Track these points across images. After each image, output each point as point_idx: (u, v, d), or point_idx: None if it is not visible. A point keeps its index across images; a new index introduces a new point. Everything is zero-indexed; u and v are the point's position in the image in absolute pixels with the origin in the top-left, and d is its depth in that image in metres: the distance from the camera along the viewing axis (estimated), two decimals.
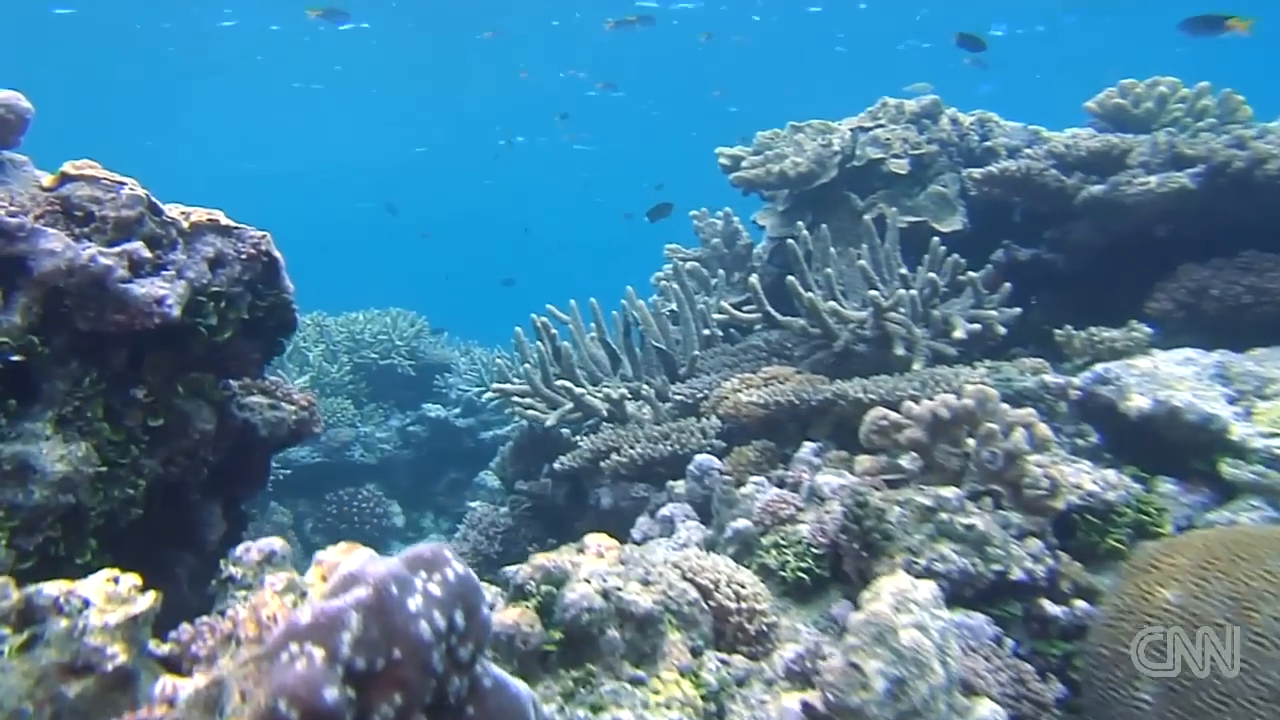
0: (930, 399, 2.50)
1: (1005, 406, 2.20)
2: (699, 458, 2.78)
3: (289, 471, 5.98)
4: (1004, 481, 2.12)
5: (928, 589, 1.56)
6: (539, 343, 3.61)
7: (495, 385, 3.62)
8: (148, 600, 1.25)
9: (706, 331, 3.81)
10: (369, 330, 7.16)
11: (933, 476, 2.25)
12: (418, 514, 6.80)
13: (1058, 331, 2.94)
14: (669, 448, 2.87)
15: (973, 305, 3.09)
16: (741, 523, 2.34)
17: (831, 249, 3.45)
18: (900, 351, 2.96)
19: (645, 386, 3.29)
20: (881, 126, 3.95)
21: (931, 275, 3.06)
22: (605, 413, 3.44)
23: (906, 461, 2.35)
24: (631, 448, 2.92)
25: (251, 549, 1.51)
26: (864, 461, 2.35)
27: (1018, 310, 3.07)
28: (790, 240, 3.28)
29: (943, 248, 3.26)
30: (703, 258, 4.75)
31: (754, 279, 3.30)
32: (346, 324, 7.22)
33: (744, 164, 4.20)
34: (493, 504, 4.26)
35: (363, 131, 19.81)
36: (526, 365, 3.56)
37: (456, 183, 23.41)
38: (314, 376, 6.63)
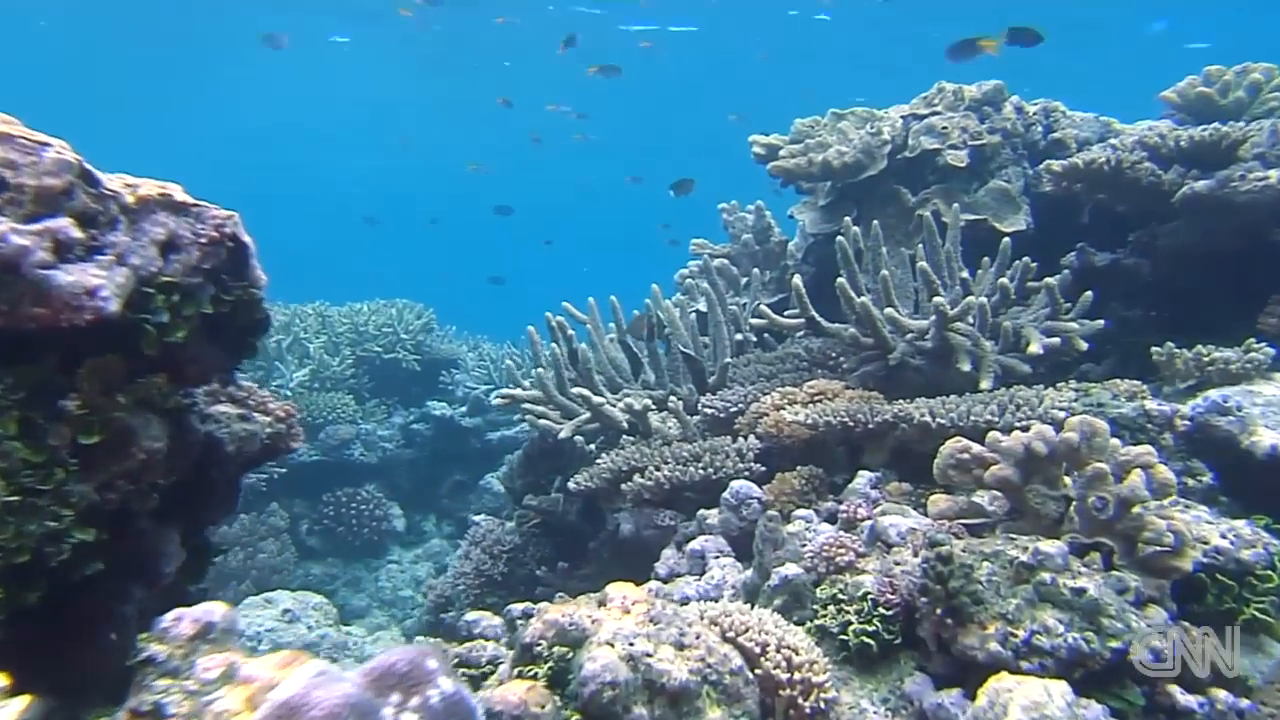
0: (1018, 428, 2.14)
1: (1116, 443, 1.84)
2: (736, 484, 2.42)
3: (284, 470, 5.65)
4: (1115, 534, 1.76)
5: (1061, 696, 1.21)
6: (554, 344, 3.26)
7: (503, 391, 3.26)
8: (11, 712, 0.90)
9: (739, 336, 3.45)
10: (373, 322, 6.81)
11: (1024, 523, 1.88)
12: (420, 517, 6.46)
13: (1156, 350, 2.57)
14: (700, 471, 2.51)
15: (1048, 316, 2.72)
16: (790, 569, 1.98)
17: (884, 249, 3.08)
18: (965, 367, 2.60)
19: (672, 398, 2.93)
20: (937, 114, 3.58)
21: (1003, 280, 2.69)
22: (626, 425, 3.09)
23: (989, 502, 1.99)
24: (657, 469, 2.56)
25: (184, 619, 1.16)
26: (939, 501, 1.99)
27: (1100, 323, 2.70)
28: (839, 237, 2.92)
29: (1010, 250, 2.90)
30: (732, 254, 4.39)
31: (796, 280, 2.94)
32: (350, 315, 6.88)
33: (782, 153, 3.83)
34: (498, 518, 3.92)
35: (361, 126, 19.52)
36: (539, 369, 3.21)
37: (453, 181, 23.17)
38: (314, 369, 6.30)
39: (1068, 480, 1.90)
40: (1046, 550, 1.69)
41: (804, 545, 2.09)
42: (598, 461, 2.78)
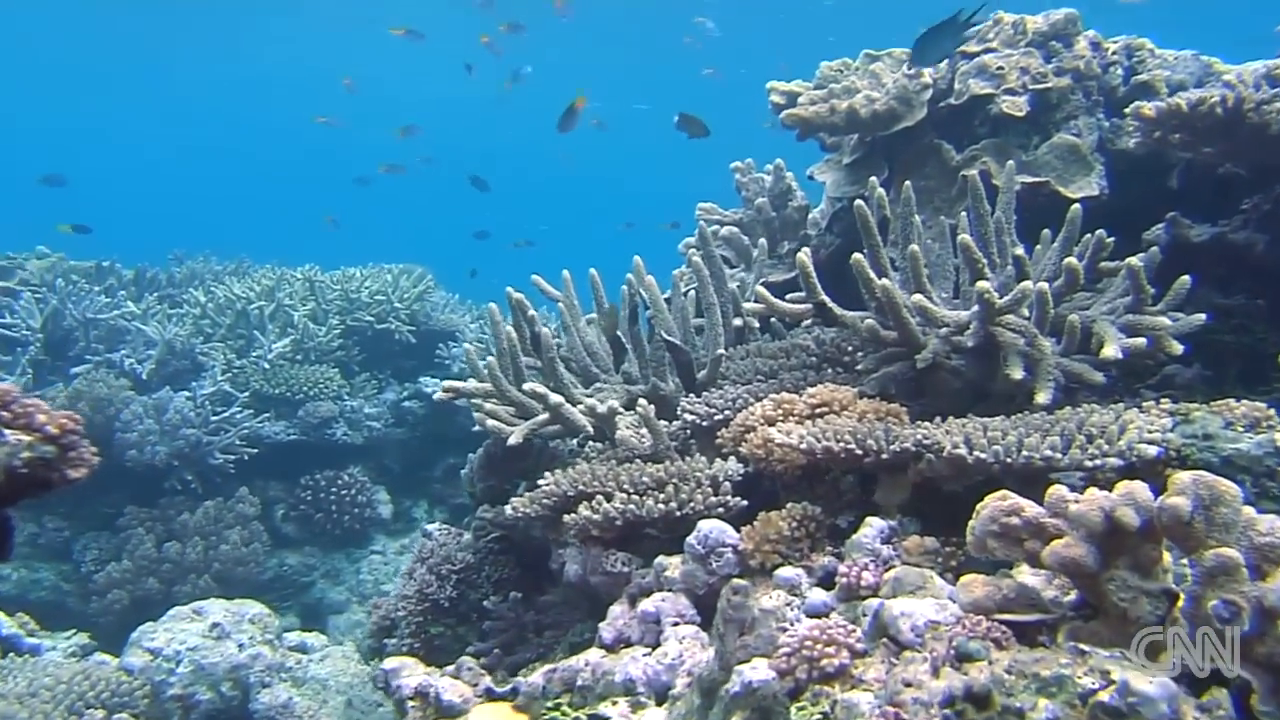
0: (1088, 468, 1.53)
1: (1250, 513, 1.21)
2: (705, 525, 1.83)
3: (255, 450, 5.16)
4: (1253, 660, 1.14)
5: None
6: (509, 327, 2.67)
7: (447, 383, 2.68)
8: None
9: (739, 321, 2.83)
10: (366, 289, 6.28)
11: (1100, 626, 1.27)
12: (410, 502, 5.96)
13: None
14: (661, 504, 1.92)
15: (1129, 307, 2.07)
16: (758, 670, 1.39)
17: (917, 217, 2.45)
18: (1016, 374, 1.97)
19: (642, 400, 2.33)
20: (991, 51, 2.90)
21: (1070, 260, 2.05)
22: (592, 430, 2.51)
23: (1046, 585, 1.37)
24: (609, 499, 1.98)
25: None
26: (973, 586, 1.37)
27: (1201, 318, 2.05)
28: (858, 202, 2.29)
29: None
30: (743, 221, 3.75)
31: (803, 254, 2.32)
32: (342, 281, 6.35)
33: (800, 100, 3.19)
34: (455, 528, 3.36)
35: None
36: (490, 357, 2.63)
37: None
38: (296, 340, 5.78)
39: (1168, 558, 1.29)
40: (1142, 689, 1.08)
41: (783, 629, 1.49)
42: (539, 483, 2.20)
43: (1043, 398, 1.93)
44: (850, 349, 2.47)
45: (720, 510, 1.89)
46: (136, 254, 6.88)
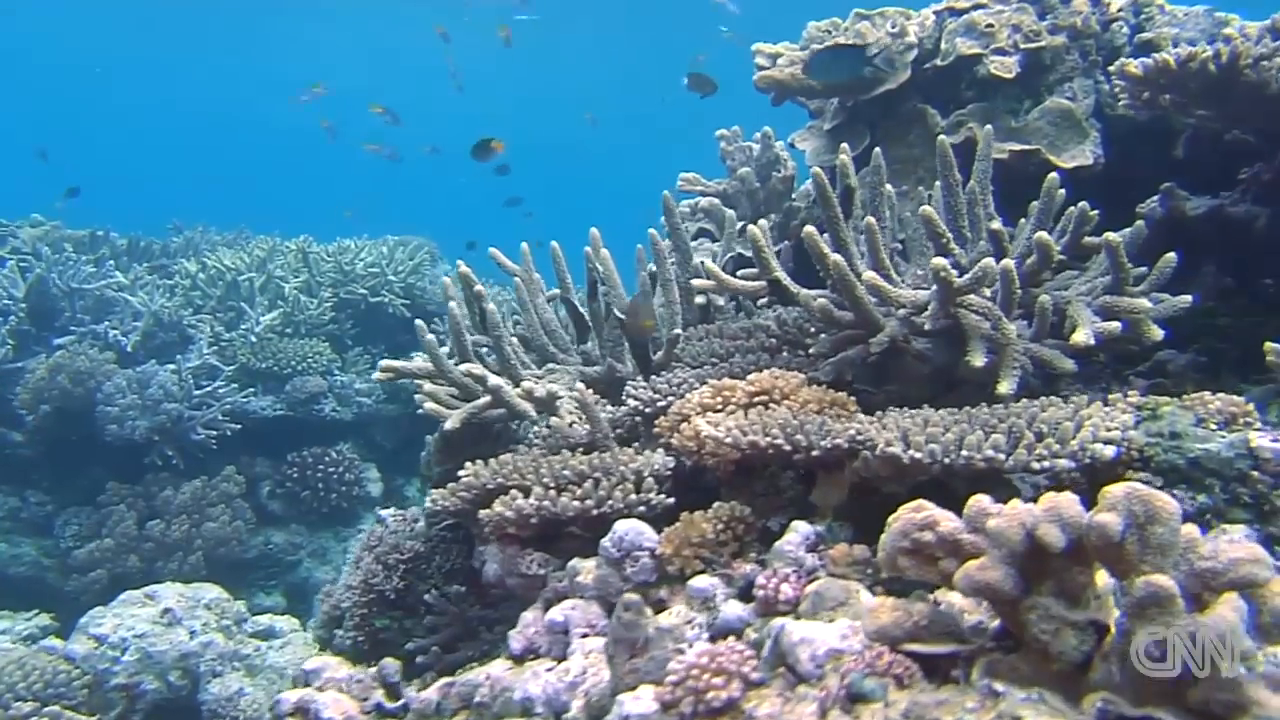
0: (1037, 471, 1.36)
1: (1192, 532, 1.02)
2: (621, 526, 1.66)
3: (239, 426, 5.05)
4: (1187, 707, 0.96)
5: None
6: (452, 302, 2.52)
7: (385, 362, 2.53)
8: None
9: (702, 299, 2.65)
10: (361, 262, 6.14)
11: (1020, 661, 1.09)
12: (402, 480, 5.83)
13: (1272, 347, 1.71)
14: (577, 501, 1.75)
15: (1108, 287, 1.87)
16: (640, 702, 1.23)
17: (888, 187, 2.25)
18: (978, 361, 1.78)
19: (580, 384, 2.17)
20: (981, 7, 2.68)
21: (1043, 235, 1.85)
22: (535, 415, 2.35)
23: (964, 610, 1.19)
24: (526, 494, 1.81)
25: None
26: (880, 613, 1.18)
27: (1186, 300, 1.84)
28: (816, 169, 2.09)
29: (1062, 190, 2.03)
30: (728, 192, 3.55)
31: (757, 226, 2.13)
32: (336, 253, 6.21)
33: (780, 61, 2.99)
34: (412, 514, 3.21)
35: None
36: (429, 336, 2.47)
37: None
38: (286, 312, 5.66)
39: (1102, 581, 1.11)
40: None
41: (676, 654, 1.32)
42: (459, 472, 2.04)
43: (1004, 387, 1.74)
44: (813, 330, 2.28)
45: (641, 509, 1.72)
46: (144, 227, 6.81)
